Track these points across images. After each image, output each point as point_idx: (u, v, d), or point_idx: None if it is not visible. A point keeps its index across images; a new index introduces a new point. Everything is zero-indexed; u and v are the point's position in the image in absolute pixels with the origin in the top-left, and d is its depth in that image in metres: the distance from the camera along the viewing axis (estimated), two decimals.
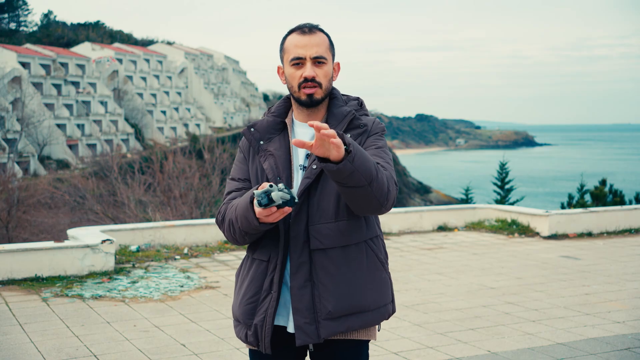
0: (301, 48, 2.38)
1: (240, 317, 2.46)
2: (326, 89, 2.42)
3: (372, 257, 2.44)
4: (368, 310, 2.41)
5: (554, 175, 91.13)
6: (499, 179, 26.81)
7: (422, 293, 6.72)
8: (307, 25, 2.42)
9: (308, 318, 2.34)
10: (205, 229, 9.16)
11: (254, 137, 2.48)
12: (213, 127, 72.78)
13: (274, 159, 2.41)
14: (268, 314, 2.37)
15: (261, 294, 2.41)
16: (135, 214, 18.61)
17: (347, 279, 2.37)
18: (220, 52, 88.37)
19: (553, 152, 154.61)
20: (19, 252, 7.14)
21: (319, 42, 2.39)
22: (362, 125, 2.44)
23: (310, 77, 2.37)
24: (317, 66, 2.39)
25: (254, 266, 2.45)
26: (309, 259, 2.36)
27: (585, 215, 10.36)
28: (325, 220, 2.36)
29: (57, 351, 4.93)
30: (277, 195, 2.16)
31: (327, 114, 2.48)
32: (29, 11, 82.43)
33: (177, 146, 33.35)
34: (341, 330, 2.37)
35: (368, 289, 2.41)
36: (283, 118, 2.50)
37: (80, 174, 33.77)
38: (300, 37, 2.40)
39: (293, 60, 2.39)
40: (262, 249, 2.42)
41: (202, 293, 6.73)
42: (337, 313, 2.35)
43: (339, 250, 2.37)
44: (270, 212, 2.18)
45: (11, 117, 48.42)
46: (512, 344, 5.13)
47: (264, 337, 2.38)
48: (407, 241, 9.67)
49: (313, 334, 2.34)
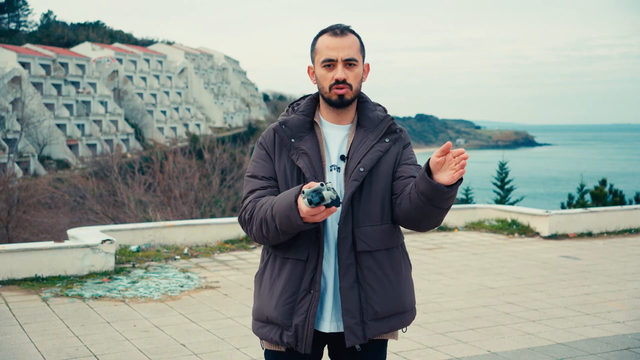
0: (332, 50, 2.39)
1: (277, 318, 2.41)
2: (356, 90, 2.43)
3: (407, 260, 2.54)
4: (406, 311, 2.50)
5: (554, 175, 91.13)
6: (498, 179, 26.79)
7: (422, 293, 6.72)
8: (339, 26, 2.43)
9: (357, 319, 2.38)
10: (205, 229, 9.16)
11: (286, 134, 2.45)
12: (213, 127, 72.82)
13: (308, 158, 2.40)
14: (310, 314, 2.37)
15: (299, 293, 2.39)
16: (135, 214, 18.62)
17: (391, 281, 2.43)
18: (220, 52, 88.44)
19: (553, 152, 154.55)
20: (19, 252, 7.14)
21: (350, 44, 2.40)
22: (399, 131, 2.49)
23: (341, 80, 2.38)
24: (348, 68, 2.40)
25: (289, 265, 2.41)
26: (355, 260, 2.39)
27: (585, 215, 10.36)
28: (371, 223, 2.40)
29: (57, 351, 4.93)
30: (328, 194, 2.16)
31: (359, 116, 2.49)
32: (29, 11, 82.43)
33: (177, 146, 33.33)
34: (385, 331, 2.44)
35: (406, 290, 2.49)
36: (312, 117, 2.49)
37: (80, 174, 33.77)
38: (332, 38, 2.40)
39: (325, 62, 2.40)
40: (297, 248, 2.40)
41: (202, 293, 6.73)
42: (383, 314, 2.41)
43: (384, 252, 2.43)
44: (318, 211, 2.17)
45: (11, 117, 48.43)
46: (512, 344, 5.13)
47: (305, 337, 2.37)
48: (407, 241, 9.68)
49: (360, 335, 2.38)
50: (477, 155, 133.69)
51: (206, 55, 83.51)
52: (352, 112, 2.49)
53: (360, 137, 2.44)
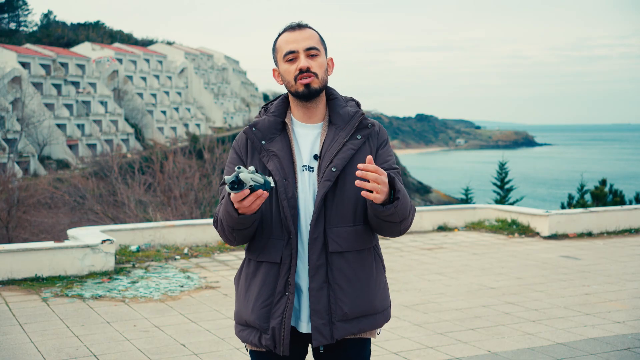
0: (292, 43, 2.40)
1: (254, 322, 2.42)
2: (322, 79, 2.42)
3: (379, 262, 2.51)
4: (377, 313, 2.47)
5: (554, 175, 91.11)
6: (498, 179, 26.80)
7: (422, 293, 6.72)
8: (295, 23, 2.45)
9: (325, 319, 2.37)
10: (205, 229, 9.16)
11: (256, 136, 2.46)
12: (213, 127, 72.80)
13: (278, 160, 2.40)
14: (286, 317, 2.37)
15: (275, 296, 2.40)
16: (135, 214, 18.61)
17: (361, 282, 2.41)
18: (220, 52, 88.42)
19: (553, 152, 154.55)
20: (19, 252, 7.14)
21: (309, 35, 2.42)
22: (370, 126, 2.46)
23: (305, 68, 2.38)
24: (310, 58, 2.40)
25: (263, 269, 2.42)
26: (326, 261, 2.38)
27: (585, 215, 10.36)
28: (343, 224, 2.38)
29: (57, 351, 4.93)
30: (246, 177, 2.12)
31: (330, 114, 2.48)
32: (29, 11, 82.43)
33: (177, 146, 33.30)
34: (353, 332, 2.42)
35: (377, 291, 2.46)
36: (283, 118, 2.49)
37: (80, 174, 33.77)
38: (290, 33, 2.42)
39: (286, 55, 2.40)
40: (270, 251, 2.40)
41: (202, 293, 6.73)
42: (352, 315, 2.39)
43: (355, 253, 2.41)
44: (243, 195, 2.15)
45: (11, 117, 48.42)
46: (512, 344, 5.13)
47: (282, 340, 2.37)
48: (407, 241, 9.67)
49: (328, 335, 2.37)
50: (477, 155, 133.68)
51: (206, 55, 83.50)
52: (323, 109, 2.48)
53: (332, 135, 2.42)
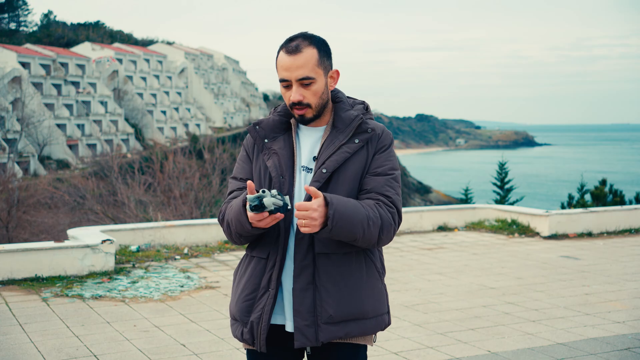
0: (286, 70, 2.35)
1: (237, 315, 2.44)
2: (317, 106, 2.39)
3: (371, 266, 2.46)
4: (367, 318, 2.42)
5: (554, 175, 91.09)
6: (498, 179, 26.80)
7: (422, 293, 6.72)
8: (293, 44, 2.35)
9: (308, 321, 2.34)
10: (205, 229, 9.16)
11: (259, 134, 2.47)
12: (213, 127, 72.78)
13: (277, 158, 2.41)
14: (265, 312, 2.36)
15: (259, 291, 2.40)
16: (135, 214, 18.61)
17: (348, 285, 2.38)
18: (220, 52, 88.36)
19: (553, 152, 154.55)
20: (19, 252, 7.14)
21: (303, 62, 2.33)
22: (370, 130, 2.43)
23: (296, 101, 2.36)
24: (304, 87, 2.35)
25: (252, 263, 2.44)
26: (313, 262, 2.36)
27: (585, 215, 10.36)
28: None
29: (57, 351, 4.93)
30: (269, 201, 2.16)
31: (333, 117, 2.47)
32: (29, 11, 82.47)
33: (177, 146, 33.35)
34: (340, 336, 2.38)
35: (367, 296, 2.42)
36: (289, 118, 2.49)
37: (80, 174, 33.80)
38: (286, 57, 2.35)
39: (281, 82, 2.39)
40: (261, 246, 2.42)
41: (202, 293, 6.73)
42: (338, 318, 2.36)
43: (342, 256, 2.38)
44: (262, 217, 2.20)
45: (11, 117, 48.39)
46: (512, 344, 5.13)
47: (259, 335, 2.37)
48: (407, 241, 9.67)
49: (312, 337, 2.34)
50: (477, 155, 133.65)
51: (206, 55, 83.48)
52: (328, 113, 2.47)
53: (331, 138, 2.41)
